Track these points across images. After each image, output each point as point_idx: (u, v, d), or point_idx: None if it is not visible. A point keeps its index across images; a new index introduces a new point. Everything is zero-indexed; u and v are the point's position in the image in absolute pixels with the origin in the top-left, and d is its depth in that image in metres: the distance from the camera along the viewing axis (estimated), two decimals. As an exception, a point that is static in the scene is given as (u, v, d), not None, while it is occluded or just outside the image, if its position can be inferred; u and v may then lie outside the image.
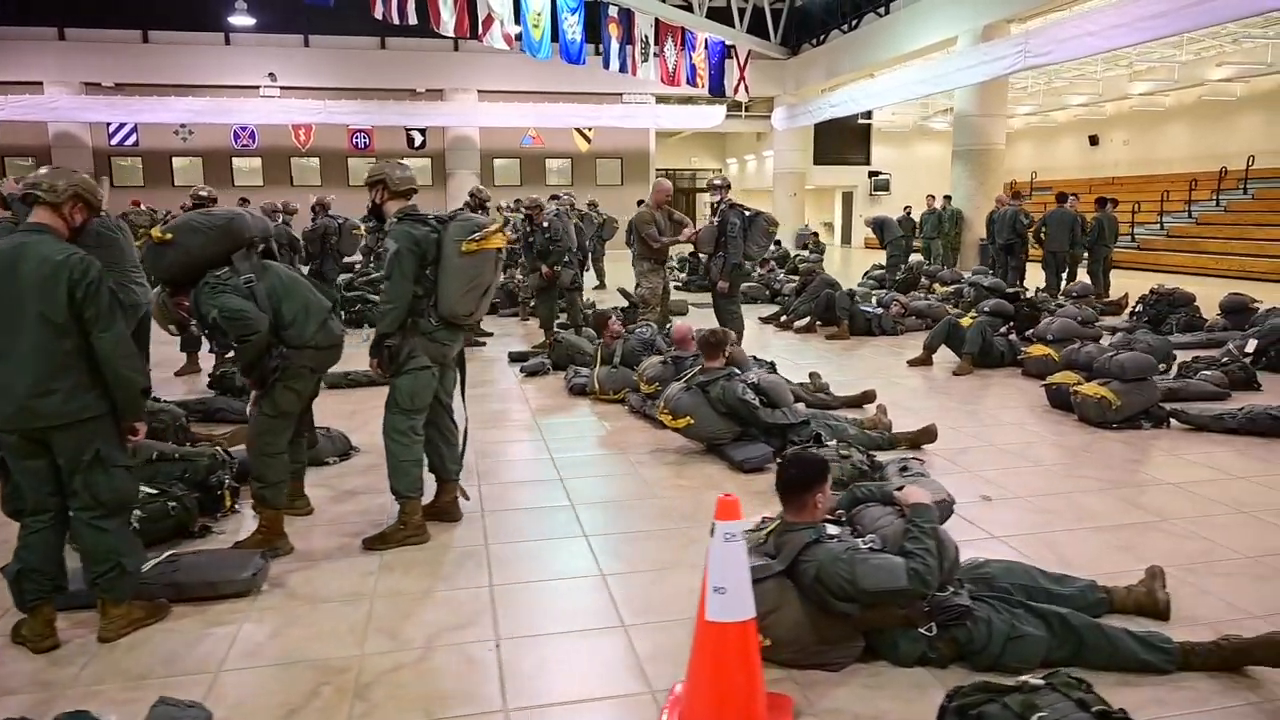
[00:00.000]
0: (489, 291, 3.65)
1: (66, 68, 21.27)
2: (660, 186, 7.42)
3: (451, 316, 3.56)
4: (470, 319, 3.66)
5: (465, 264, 3.48)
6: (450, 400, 3.86)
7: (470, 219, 3.61)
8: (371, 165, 3.76)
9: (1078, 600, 2.87)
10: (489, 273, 3.58)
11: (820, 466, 2.66)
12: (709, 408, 4.70)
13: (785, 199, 25.66)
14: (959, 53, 16.29)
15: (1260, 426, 5.09)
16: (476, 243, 3.47)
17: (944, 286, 11.95)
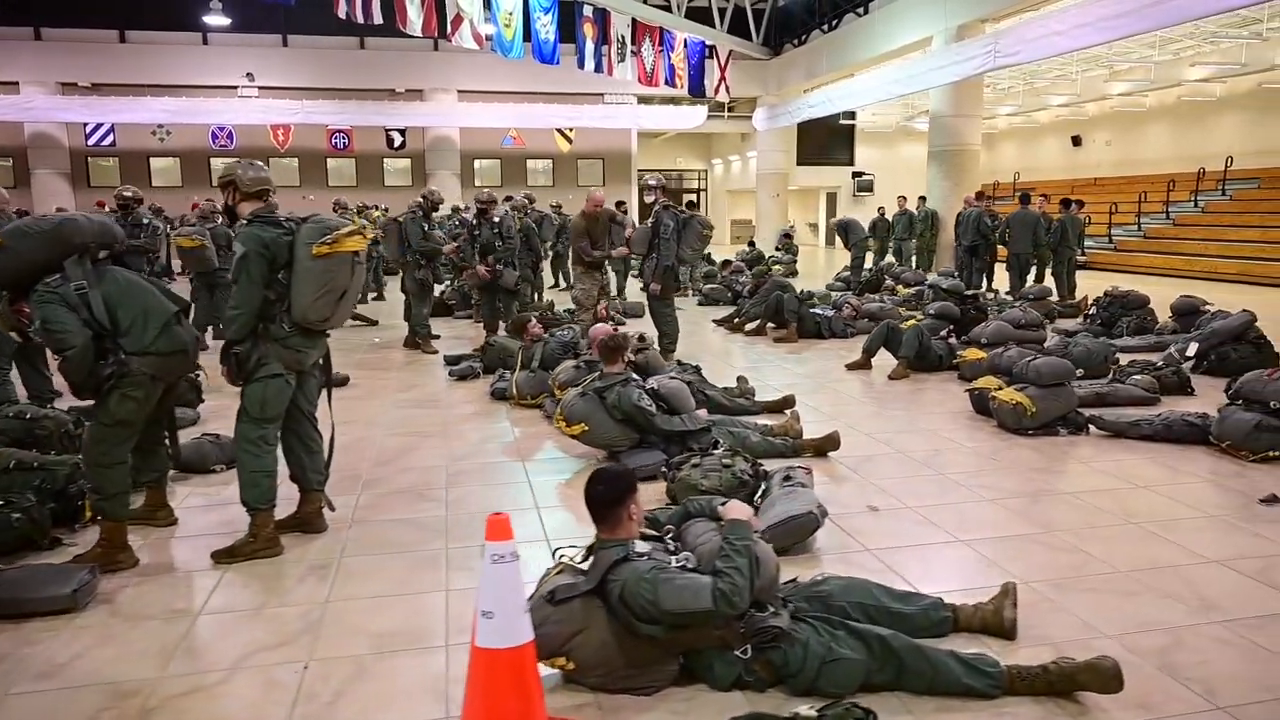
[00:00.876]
0: (347, 296, 3.53)
1: (43, 67, 21.18)
2: (592, 197, 7.29)
3: (305, 322, 3.45)
4: (326, 325, 3.53)
5: (317, 268, 3.37)
6: (313, 408, 3.75)
7: (324, 221, 3.49)
8: (227, 164, 3.64)
9: (920, 619, 2.77)
10: (344, 277, 3.46)
11: (627, 480, 2.55)
12: (605, 414, 4.59)
13: (768, 200, 25.56)
14: (931, 53, 16.19)
15: (1176, 433, 4.98)
16: (328, 245, 3.36)
17: (907, 289, 11.83)
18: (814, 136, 26.32)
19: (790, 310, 8.96)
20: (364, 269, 3.66)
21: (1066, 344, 6.93)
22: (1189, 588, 3.14)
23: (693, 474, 3.91)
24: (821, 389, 6.59)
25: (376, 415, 5.89)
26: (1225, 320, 7.01)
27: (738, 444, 4.71)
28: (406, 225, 8.31)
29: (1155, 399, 5.93)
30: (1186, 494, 4.15)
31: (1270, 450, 4.58)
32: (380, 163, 24.13)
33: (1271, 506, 3.96)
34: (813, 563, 3.39)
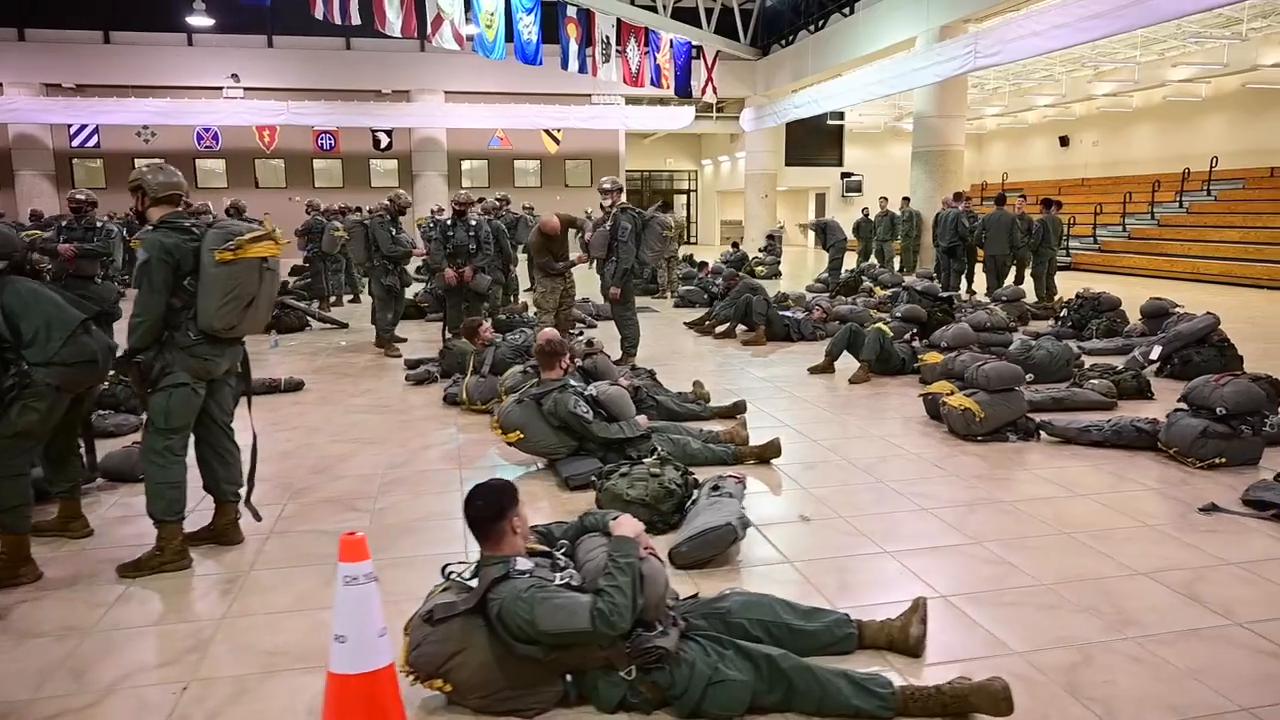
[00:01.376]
0: (257, 304, 3.43)
1: (26, 68, 21.09)
2: (547, 223, 7.19)
3: (211, 330, 3.36)
4: (233, 333, 3.44)
5: (221, 274, 3.28)
6: (228, 417, 3.66)
7: (229, 226, 3.41)
8: (137, 168, 3.54)
9: (822, 636, 2.70)
10: (251, 284, 3.36)
11: (506, 494, 2.48)
12: (541, 421, 4.52)
13: (757, 201, 25.48)
14: (912, 54, 16.13)
15: (1125, 440, 4.91)
16: (232, 252, 3.28)
17: (884, 290, 11.76)
18: (803, 137, 26.25)
19: (758, 313, 8.88)
20: (276, 276, 3.56)
21: (1029, 347, 6.88)
22: (1109, 601, 3.06)
23: (619, 483, 3.84)
24: (780, 393, 6.52)
25: (324, 421, 5.81)
26: (1189, 323, 6.94)
27: (678, 451, 4.66)
28: (373, 229, 8.23)
29: (1113, 404, 5.86)
30: (1125, 503, 4.08)
31: (1216, 458, 4.51)
32: (367, 164, 24.05)
33: (1210, 515, 3.89)
34: (731, 575, 3.32)
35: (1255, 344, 8.35)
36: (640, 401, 5.54)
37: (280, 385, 6.68)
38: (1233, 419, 4.55)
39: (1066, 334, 8.90)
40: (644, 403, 5.57)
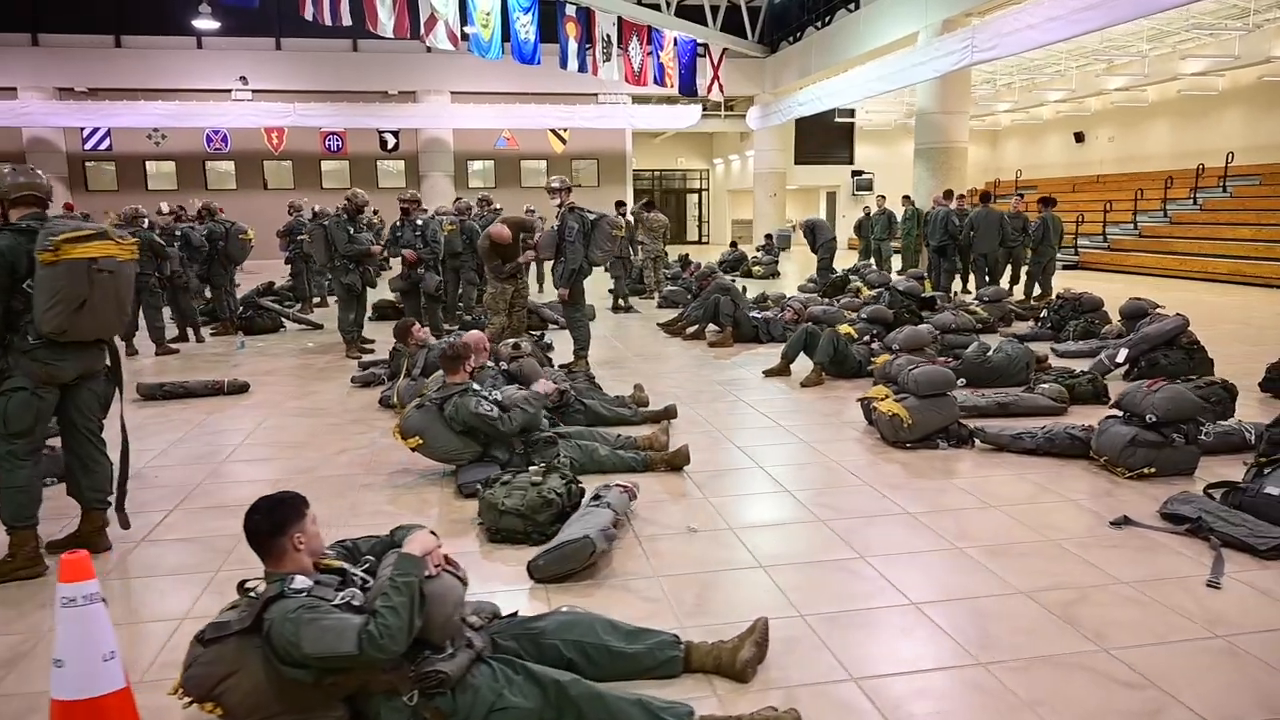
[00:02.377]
0: (90, 307, 3.24)
1: (40, 73, 21.42)
2: (496, 233, 7.08)
3: (45, 334, 3.25)
4: (66, 337, 3.27)
5: (46, 276, 3.18)
6: (92, 423, 3.57)
7: (57, 224, 3.29)
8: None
9: (644, 658, 2.56)
10: (79, 286, 3.19)
11: (289, 508, 2.36)
12: (442, 426, 4.41)
13: (765, 199, 25.25)
14: (912, 49, 15.84)
15: (1058, 447, 4.70)
16: (51, 253, 3.17)
17: (871, 290, 11.51)
18: (812, 135, 25.99)
19: (725, 314, 8.72)
20: (120, 278, 3.38)
21: (986, 350, 6.66)
22: (976, 622, 2.89)
23: (498, 492, 3.72)
24: (725, 396, 6.36)
25: (253, 424, 5.76)
26: (1157, 325, 6.67)
27: (585, 458, 4.54)
28: (331, 229, 8.19)
29: (1062, 409, 5.63)
30: (1037, 515, 3.88)
31: (1145, 468, 4.29)
32: (374, 164, 24.15)
33: (1121, 530, 3.69)
34: (590, 590, 3.18)
35: (1243, 346, 8.07)
36: (568, 405, 5.45)
37: (224, 387, 6.65)
38: (1164, 427, 4.32)
39: (1045, 335, 8.67)
40: (571, 406, 5.46)
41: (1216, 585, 3.15)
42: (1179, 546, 3.51)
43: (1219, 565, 3.31)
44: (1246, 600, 3.04)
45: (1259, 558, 3.37)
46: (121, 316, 3.46)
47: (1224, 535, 3.50)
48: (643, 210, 12.83)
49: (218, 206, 10.01)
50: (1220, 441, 4.71)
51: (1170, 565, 3.34)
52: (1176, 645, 2.76)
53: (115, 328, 3.50)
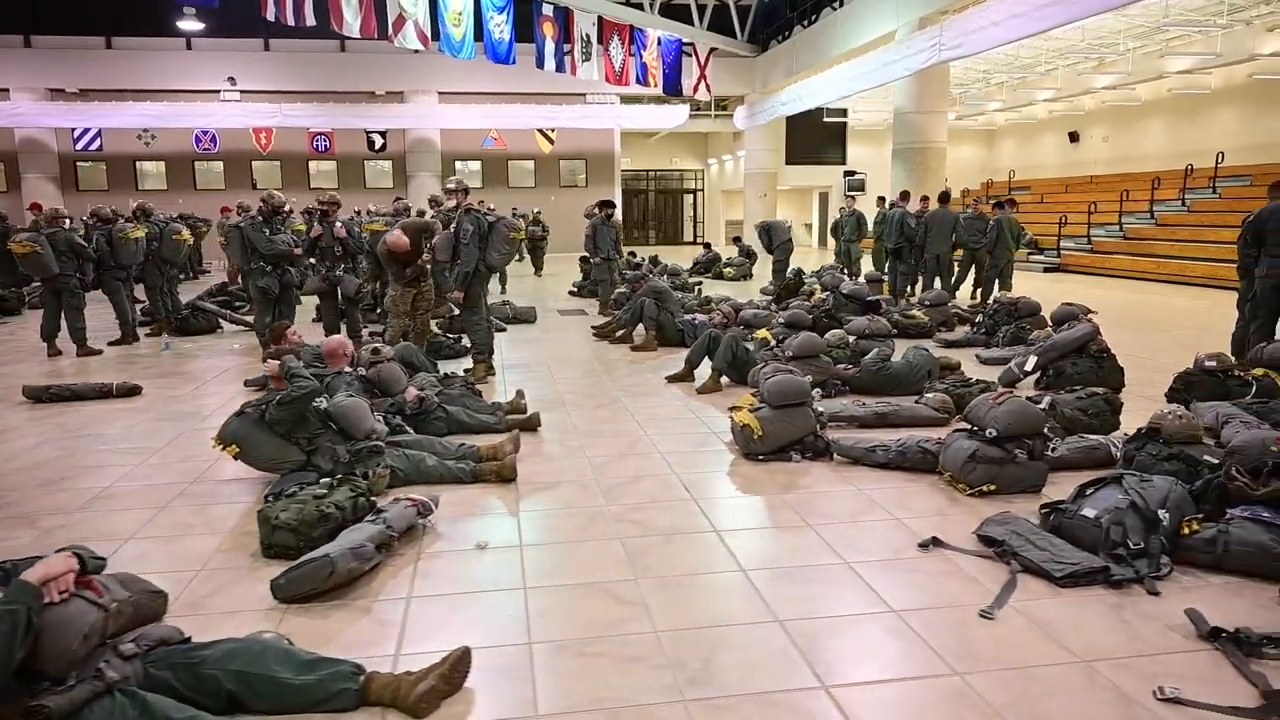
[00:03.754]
0: None
1: (32, 74, 21.62)
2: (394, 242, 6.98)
3: None
4: None
5: None
6: None
7: None
8: None
9: (314, 691, 2.41)
10: None
11: None
12: (263, 433, 4.29)
13: (755, 200, 25.02)
14: (885, 48, 15.58)
15: (909, 461, 4.50)
16: None
17: (823, 293, 11.29)
18: (804, 135, 25.69)
19: (649, 317, 8.55)
20: None
21: (887, 358, 6.45)
22: (706, 654, 2.71)
23: (274, 506, 3.58)
24: (612, 403, 6.19)
25: (122, 428, 5.67)
26: (1065, 332, 6.44)
27: (410, 468, 4.42)
28: (248, 232, 8.09)
29: (945, 420, 5.41)
30: (850, 535, 3.69)
31: (986, 484, 4.08)
32: (361, 165, 24.17)
33: (927, 551, 3.49)
34: (330, 611, 3.03)
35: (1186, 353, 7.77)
36: (428, 412, 5.32)
37: (112, 390, 6.57)
38: (1005, 441, 4.11)
39: (979, 340, 8.45)
40: (432, 414, 5.33)
41: (989, 616, 2.95)
42: (980, 571, 3.31)
43: (1004, 593, 3.11)
44: (1013, 634, 2.84)
45: (1055, 584, 3.17)
46: None
47: (1025, 560, 3.30)
48: (593, 209, 12.65)
49: (151, 206, 9.96)
50: (1084, 456, 4.50)
51: (957, 592, 3.15)
52: (906, 684, 2.57)
53: None
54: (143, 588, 3.00)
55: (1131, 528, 3.31)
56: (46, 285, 8.38)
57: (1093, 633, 2.84)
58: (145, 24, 21.91)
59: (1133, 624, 2.89)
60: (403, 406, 5.26)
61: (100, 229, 9.12)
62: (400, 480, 4.36)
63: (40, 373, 7.66)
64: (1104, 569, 3.20)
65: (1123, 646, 2.75)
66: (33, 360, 8.32)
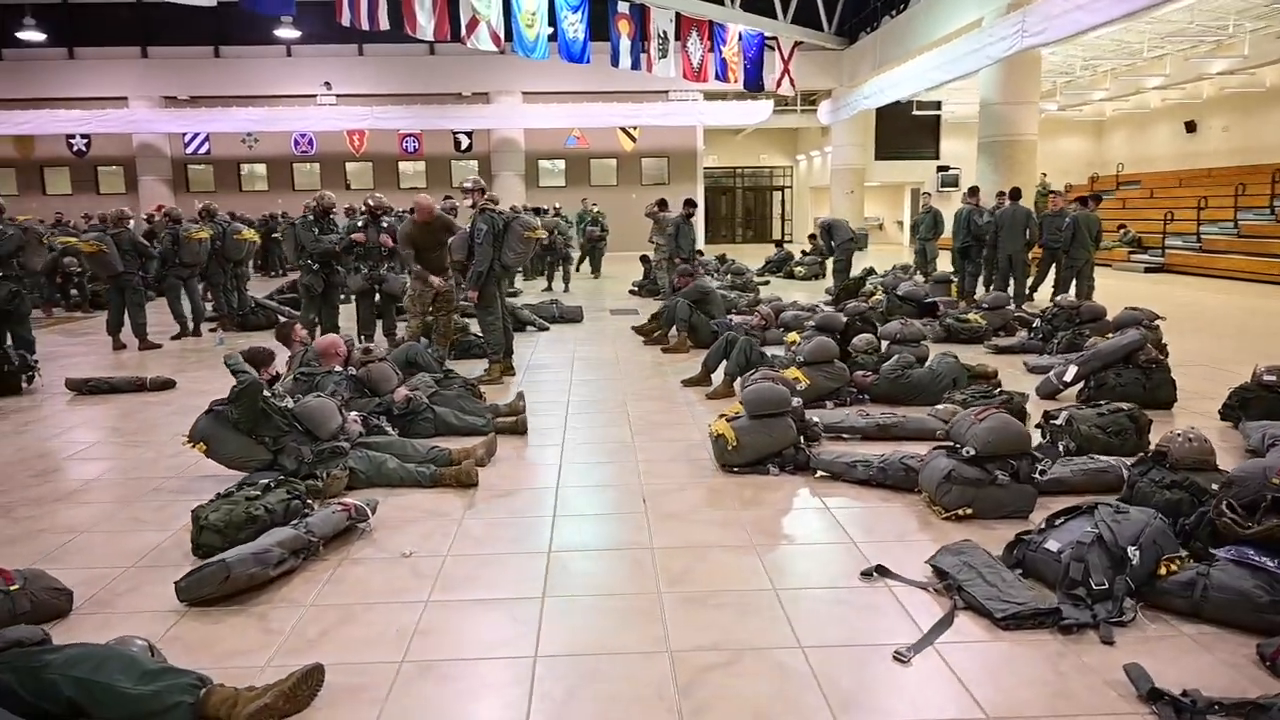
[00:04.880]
0: None
1: (148, 83, 23.10)
2: (419, 204, 7.02)
3: None
4: None
5: None
6: None
7: None
8: None
9: (149, 702, 2.36)
10: None
11: None
12: (229, 430, 4.35)
13: (842, 196, 24.37)
14: (967, 36, 14.81)
15: (890, 479, 4.17)
16: None
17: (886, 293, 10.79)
18: (894, 130, 24.83)
19: (680, 319, 8.34)
20: None
21: (909, 365, 6.06)
22: (573, 683, 2.54)
23: (206, 507, 3.60)
24: (614, 409, 6.03)
25: (136, 422, 5.88)
26: (1112, 340, 5.89)
27: (372, 469, 4.40)
28: (298, 230, 8.34)
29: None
30: (794, 560, 3.43)
31: (961, 508, 3.73)
32: (448, 165, 24.74)
33: (868, 581, 3.20)
34: (225, 615, 3.01)
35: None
36: (415, 413, 5.30)
37: (146, 384, 6.85)
38: (985, 461, 3.75)
39: (1033, 346, 7.89)
40: (420, 414, 5.31)
41: (903, 658, 2.66)
42: (918, 606, 3.01)
43: (932, 633, 2.80)
44: (920, 681, 2.55)
45: (996, 625, 2.84)
46: None
47: (968, 596, 2.97)
48: (656, 209, 12.50)
49: (216, 207, 10.40)
50: (1089, 480, 4.07)
51: (880, 628, 2.86)
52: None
53: None
54: (47, 584, 3.06)
55: (1095, 565, 2.94)
56: (111, 282, 8.85)
57: (1015, 685, 2.52)
58: (249, 33, 23.01)
59: (1067, 677, 2.55)
60: (390, 406, 5.27)
61: (169, 229, 9.56)
62: (361, 482, 4.34)
63: (106, 364, 8.10)
64: (1054, 611, 2.84)
65: (1040, 704, 2.42)
66: (99, 353, 8.81)
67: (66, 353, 8.91)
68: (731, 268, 14.65)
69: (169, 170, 23.98)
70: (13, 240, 7.08)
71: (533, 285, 15.30)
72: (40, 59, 22.54)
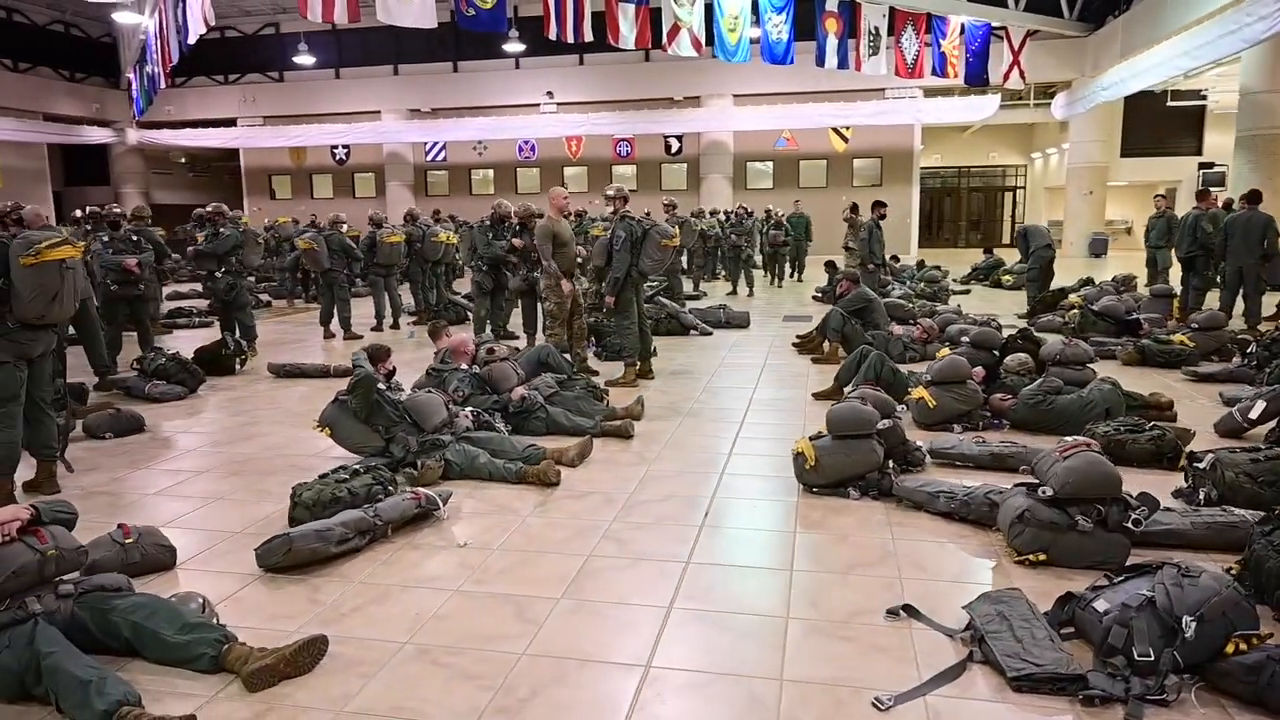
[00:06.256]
0: (60, 297, 4.17)
1: (397, 98, 25.72)
2: (553, 196, 7.31)
3: (24, 319, 4.21)
4: (42, 320, 4.20)
5: (26, 274, 4.10)
6: (44, 391, 4.50)
7: (30, 236, 4.20)
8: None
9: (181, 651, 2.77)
10: (53, 282, 4.11)
11: None
12: (349, 418, 4.85)
13: (1078, 197, 22.34)
14: (1219, 18, 13.01)
15: (974, 513, 3.85)
16: (33, 257, 4.09)
17: (1082, 306, 9.82)
18: (1145, 122, 22.34)
19: (833, 328, 8.08)
20: (76, 274, 4.29)
21: (1057, 390, 5.51)
22: (539, 686, 2.63)
23: (304, 485, 4.04)
24: (727, 419, 5.99)
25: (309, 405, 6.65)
26: (1311, 373, 5.01)
27: (465, 461, 4.70)
28: (474, 234, 9.04)
29: (1080, 469, 4.51)
30: (820, 588, 3.29)
31: (1035, 553, 3.39)
32: (659, 168, 25.38)
33: (891, 621, 3.01)
34: (286, 584, 3.39)
35: None
36: (529, 411, 5.60)
37: (330, 371, 7.72)
38: (1066, 504, 3.37)
39: (1242, 375, 6.87)
40: (533, 413, 5.60)
41: (881, 705, 2.50)
42: (933, 652, 2.79)
43: (928, 684, 2.61)
44: (890, 732, 2.39)
45: (1009, 684, 2.59)
46: (74, 304, 4.37)
47: (988, 650, 2.72)
48: (850, 213, 12.12)
49: (418, 212, 11.44)
50: (1213, 535, 3.54)
51: (879, 673, 2.69)
52: (708, 761, 2.29)
53: (70, 313, 4.41)
54: (157, 541, 3.60)
55: (1141, 632, 2.58)
56: (323, 278, 10.02)
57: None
58: (482, 49, 24.91)
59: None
60: (507, 404, 5.60)
61: (370, 232, 10.67)
62: (455, 473, 4.68)
63: (315, 351, 9.24)
64: (1078, 678, 2.54)
65: (1009, 779, 2.19)
66: (312, 341, 10.03)
67: (288, 339, 10.21)
68: (925, 274, 13.90)
69: (411, 175, 26.53)
70: (230, 240, 8.26)
71: (716, 288, 15.39)
72: (312, 79, 25.80)
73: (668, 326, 9.98)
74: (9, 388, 4.26)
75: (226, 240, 8.24)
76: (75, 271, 4.31)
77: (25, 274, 4.08)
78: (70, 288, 4.27)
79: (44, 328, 4.34)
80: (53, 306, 4.20)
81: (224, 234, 8.30)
